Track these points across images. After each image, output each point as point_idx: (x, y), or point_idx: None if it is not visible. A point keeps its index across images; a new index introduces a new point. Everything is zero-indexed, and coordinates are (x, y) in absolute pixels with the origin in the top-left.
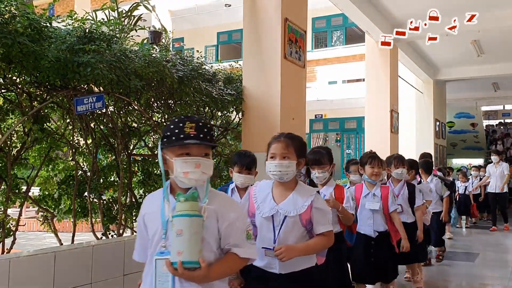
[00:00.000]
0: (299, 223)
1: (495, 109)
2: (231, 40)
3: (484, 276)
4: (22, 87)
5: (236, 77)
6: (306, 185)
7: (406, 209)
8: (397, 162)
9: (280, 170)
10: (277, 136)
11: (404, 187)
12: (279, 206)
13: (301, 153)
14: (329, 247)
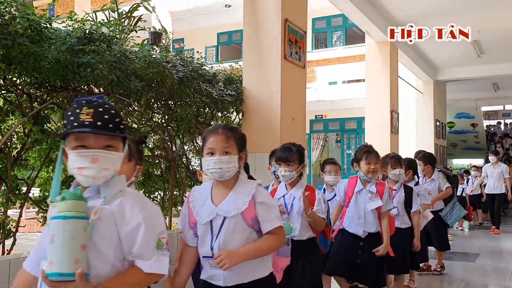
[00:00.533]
0: (243, 224)
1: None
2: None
3: (484, 277)
4: (22, 88)
5: (236, 77)
6: (247, 180)
7: (402, 214)
8: (394, 162)
9: (221, 167)
10: (213, 128)
11: (400, 189)
12: (218, 207)
13: (242, 146)
14: (281, 246)
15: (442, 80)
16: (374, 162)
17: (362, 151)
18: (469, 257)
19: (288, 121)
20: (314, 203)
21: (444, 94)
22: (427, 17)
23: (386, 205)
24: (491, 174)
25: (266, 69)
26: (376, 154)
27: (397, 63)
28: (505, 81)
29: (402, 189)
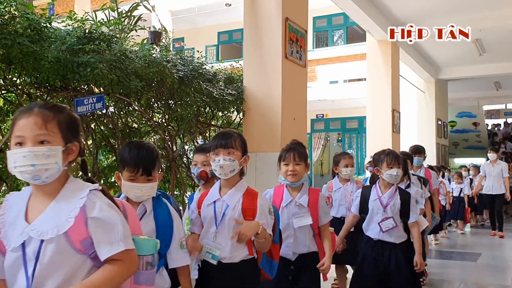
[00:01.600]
0: (69, 249)
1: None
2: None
3: (486, 276)
4: (22, 88)
5: (237, 77)
6: (80, 182)
7: (398, 225)
8: (391, 160)
9: (34, 163)
10: (25, 109)
11: (396, 194)
12: (30, 226)
13: (73, 132)
14: (131, 275)
15: (444, 79)
16: (294, 162)
17: (283, 150)
18: (471, 256)
19: (289, 121)
20: (254, 212)
21: (446, 93)
22: (428, 15)
23: (324, 217)
24: (490, 173)
25: (267, 68)
26: (299, 152)
27: (399, 62)
28: (507, 79)
29: (398, 194)
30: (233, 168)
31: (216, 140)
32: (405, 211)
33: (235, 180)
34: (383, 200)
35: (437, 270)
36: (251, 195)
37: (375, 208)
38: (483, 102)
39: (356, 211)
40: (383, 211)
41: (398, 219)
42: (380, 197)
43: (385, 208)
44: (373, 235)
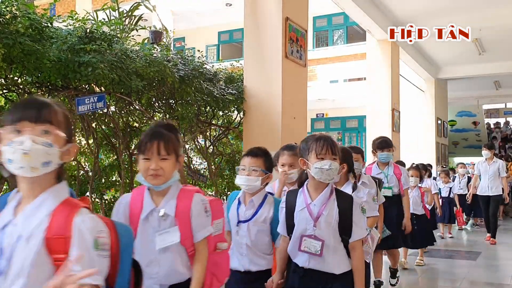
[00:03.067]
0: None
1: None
2: (232, 40)
3: (486, 275)
4: (23, 88)
5: (237, 76)
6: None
7: (337, 247)
8: (321, 148)
9: None
10: None
11: (332, 200)
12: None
13: None
14: None
15: (444, 78)
16: (159, 157)
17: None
18: (471, 255)
19: (289, 120)
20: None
21: (446, 92)
22: (428, 14)
23: (202, 230)
24: (485, 172)
25: (267, 67)
26: (168, 140)
27: (399, 62)
28: (507, 79)
29: (335, 200)
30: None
31: None
32: (346, 224)
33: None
34: (313, 209)
35: (437, 267)
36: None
37: (302, 221)
38: (482, 101)
39: (284, 230)
40: (313, 226)
41: (336, 237)
42: (309, 204)
43: (316, 221)
44: (302, 262)
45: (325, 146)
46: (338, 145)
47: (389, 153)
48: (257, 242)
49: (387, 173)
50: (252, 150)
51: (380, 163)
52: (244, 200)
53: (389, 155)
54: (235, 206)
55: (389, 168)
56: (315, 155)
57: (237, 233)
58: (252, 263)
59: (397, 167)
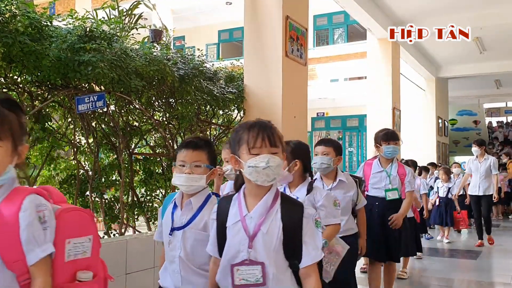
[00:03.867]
0: None
1: (498, 106)
2: (232, 38)
3: (486, 275)
4: (23, 87)
5: (238, 75)
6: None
7: (282, 275)
8: (255, 138)
9: None
10: None
11: (274, 211)
12: None
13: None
14: None
15: (444, 77)
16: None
17: None
18: (471, 254)
19: (290, 119)
20: None
21: (446, 91)
22: (429, 13)
23: (35, 249)
24: (476, 170)
25: (268, 66)
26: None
27: (399, 60)
28: (508, 78)
29: (279, 210)
30: None
31: None
32: (294, 244)
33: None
34: (248, 224)
35: (437, 269)
36: None
37: (234, 241)
38: (483, 100)
39: (215, 250)
40: (247, 248)
41: (280, 262)
42: (244, 217)
43: (252, 240)
44: None
45: (260, 136)
46: (279, 134)
47: (396, 146)
48: (194, 254)
49: (390, 172)
50: (192, 141)
51: (383, 159)
52: (180, 202)
53: (395, 149)
54: (170, 211)
55: (393, 166)
56: (247, 149)
57: (170, 244)
58: (186, 282)
59: (402, 167)
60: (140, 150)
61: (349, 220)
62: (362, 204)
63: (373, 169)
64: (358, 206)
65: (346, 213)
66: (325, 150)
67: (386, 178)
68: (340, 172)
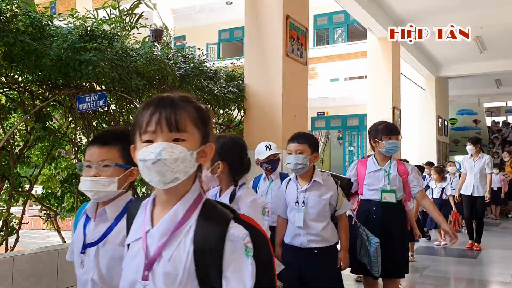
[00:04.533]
0: None
1: (498, 106)
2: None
3: (486, 273)
4: (24, 86)
5: (238, 74)
6: None
7: None
8: (147, 123)
9: None
10: None
11: (184, 231)
12: None
13: None
14: None
15: (444, 77)
16: None
17: None
18: (471, 253)
19: (290, 118)
20: None
21: (446, 91)
22: (429, 12)
23: None
24: (470, 169)
25: (268, 66)
26: None
27: (399, 60)
28: (508, 77)
29: (192, 231)
30: None
31: None
32: (209, 275)
33: None
34: (150, 245)
35: (437, 267)
36: None
37: (133, 266)
38: (483, 99)
39: None
40: (141, 278)
41: None
42: (147, 233)
43: (149, 270)
44: None
45: (155, 117)
46: (196, 114)
47: (398, 142)
48: (110, 275)
49: (389, 171)
50: (101, 135)
51: (380, 156)
52: (94, 213)
53: (398, 145)
54: (82, 224)
55: (392, 164)
56: (139, 136)
57: (82, 265)
58: None
59: (402, 164)
60: None
61: (328, 227)
62: (344, 210)
63: (368, 168)
64: (338, 211)
65: (323, 219)
66: (299, 148)
67: (385, 177)
68: (317, 171)
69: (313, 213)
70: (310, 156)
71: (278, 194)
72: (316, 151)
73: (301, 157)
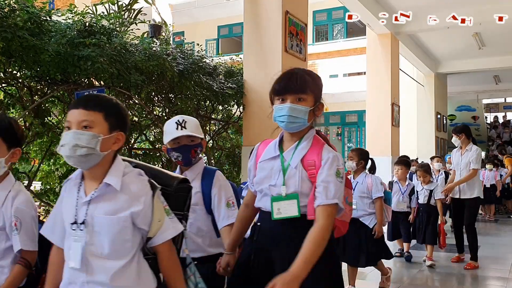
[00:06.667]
0: None
1: (497, 102)
2: (231, 34)
3: (484, 269)
4: (22, 81)
5: (237, 70)
6: None
7: None
8: None
9: None
10: None
11: None
12: None
13: None
14: None
15: (443, 73)
16: None
17: None
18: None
19: None
20: None
21: (445, 87)
22: (428, 8)
23: None
24: (457, 164)
25: (267, 61)
26: None
27: (398, 56)
28: (507, 73)
29: None
30: None
31: None
32: None
33: None
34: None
35: (436, 263)
36: None
37: None
38: (482, 96)
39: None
40: None
41: None
42: None
43: None
44: None
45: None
46: None
47: (299, 105)
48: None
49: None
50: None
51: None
52: None
53: (292, 113)
54: None
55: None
56: None
57: None
58: None
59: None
60: (140, 145)
61: None
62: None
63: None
64: None
65: None
66: None
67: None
68: None
69: None
70: None
71: None
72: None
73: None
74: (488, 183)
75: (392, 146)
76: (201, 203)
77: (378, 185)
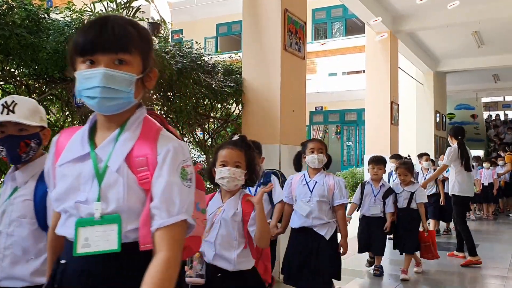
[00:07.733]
0: None
1: (496, 101)
2: (230, 32)
3: (484, 267)
4: (20, 79)
5: (236, 68)
6: None
7: None
8: None
9: None
10: None
11: None
12: None
13: None
14: None
15: (442, 71)
16: None
17: None
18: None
19: (288, 113)
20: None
21: (444, 85)
22: (428, 7)
23: None
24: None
25: (266, 60)
26: None
27: (397, 54)
28: (505, 72)
29: None
30: None
31: None
32: None
33: None
34: None
35: (435, 262)
36: None
37: None
38: (481, 94)
39: None
40: None
41: None
42: None
43: None
44: None
45: None
46: None
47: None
48: None
49: None
50: None
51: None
52: None
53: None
54: None
55: None
56: None
57: None
58: None
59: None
60: None
61: None
62: None
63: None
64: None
65: None
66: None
67: None
68: None
69: None
70: None
71: None
72: None
73: None
74: (486, 182)
75: (391, 145)
76: (30, 214)
77: (342, 189)
